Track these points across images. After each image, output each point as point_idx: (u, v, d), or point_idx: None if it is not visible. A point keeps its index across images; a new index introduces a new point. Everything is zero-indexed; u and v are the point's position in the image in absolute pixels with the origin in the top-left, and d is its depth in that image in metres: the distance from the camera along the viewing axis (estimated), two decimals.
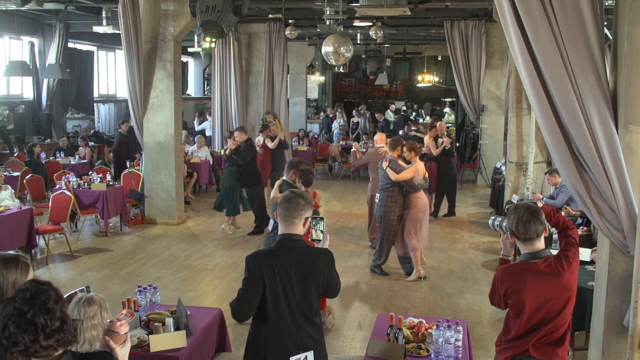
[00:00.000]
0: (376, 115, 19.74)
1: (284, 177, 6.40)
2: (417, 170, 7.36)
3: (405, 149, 7.52)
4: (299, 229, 3.26)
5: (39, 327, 2.01)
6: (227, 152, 9.70)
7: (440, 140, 10.78)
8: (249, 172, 9.76)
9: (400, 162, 7.56)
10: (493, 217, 3.72)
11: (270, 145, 11.68)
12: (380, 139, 9.28)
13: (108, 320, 2.42)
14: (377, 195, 7.57)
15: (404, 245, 7.57)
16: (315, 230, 3.44)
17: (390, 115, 22.48)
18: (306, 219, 3.28)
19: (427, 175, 7.57)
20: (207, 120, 17.11)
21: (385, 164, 7.38)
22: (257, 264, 3.15)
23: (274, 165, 11.86)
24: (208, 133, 16.30)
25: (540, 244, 3.28)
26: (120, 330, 2.35)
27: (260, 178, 9.98)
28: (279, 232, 3.30)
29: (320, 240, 3.43)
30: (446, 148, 10.60)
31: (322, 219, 3.45)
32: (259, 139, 11.58)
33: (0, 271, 2.48)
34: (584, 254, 5.65)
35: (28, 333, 2.00)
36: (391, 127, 20.83)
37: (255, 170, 9.89)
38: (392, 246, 7.68)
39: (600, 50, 3.54)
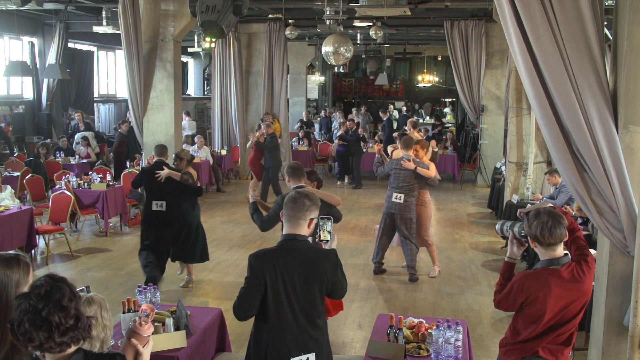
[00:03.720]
0: (380, 114, 19.70)
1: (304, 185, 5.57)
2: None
3: (418, 147, 7.38)
4: (304, 230, 3.24)
5: (53, 325, 2.03)
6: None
7: None
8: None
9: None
10: (501, 222, 3.62)
11: (247, 144, 12.42)
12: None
13: (131, 321, 2.40)
14: (399, 195, 7.27)
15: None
16: (323, 231, 3.39)
17: (395, 114, 22.47)
18: (311, 219, 3.25)
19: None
20: (183, 120, 16.56)
21: (410, 165, 7.12)
22: (259, 263, 3.13)
23: (266, 162, 12.20)
24: (185, 133, 15.98)
25: (560, 249, 3.23)
26: (145, 332, 2.34)
27: (146, 221, 7.16)
28: (283, 232, 3.28)
29: (327, 241, 3.39)
30: None
31: (329, 219, 3.40)
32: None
33: (4, 271, 2.48)
34: None
35: (43, 330, 2.02)
36: (395, 126, 20.80)
37: (147, 206, 7.04)
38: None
39: (600, 50, 3.54)
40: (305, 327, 3.17)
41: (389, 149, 9.18)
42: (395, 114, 22.42)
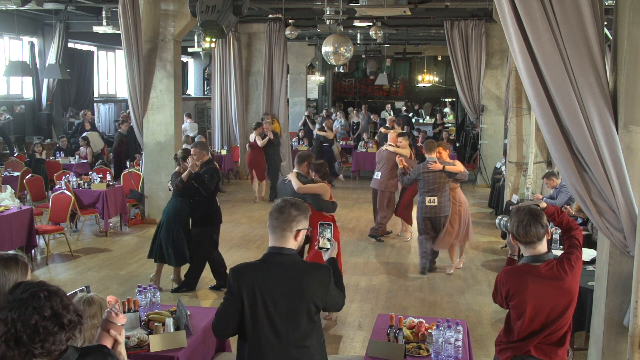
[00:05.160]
0: (372, 116, 20.02)
1: (296, 170, 6.33)
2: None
3: (440, 149, 7.62)
4: (290, 243, 2.96)
5: (65, 324, 2.05)
6: (184, 177, 6.84)
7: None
8: (204, 206, 6.99)
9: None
10: (500, 217, 3.72)
11: (259, 143, 12.36)
12: (392, 137, 9.44)
13: (105, 311, 2.44)
14: (432, 198, 7.43)
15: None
16: (322, 238, 3.16)
17: (386, 116, 22.67)
18: (298, 231, 2.97)
19: None
20: (185, 122, 16.20)
21: (438, 166, 7.34)
22: (237, 279, 2.89)
23: (268, 162, 12.59)
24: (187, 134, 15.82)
25: (542, 247, 3.27)
26: (121, 321, 2.40)
27: (219, 217, 7.17)
28: (269, 245, 2.99)
29: (327, 249, 3.15)
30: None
31: (329, 225, 3.17)
32: (252, 136, 12.57)
33: (2, 271, 2.48)
34: (589, 253, 5.64)
35: (57, 333, 2.03)
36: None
37: (214, 204, 7.06)
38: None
39: (600, 50, 3.54)
40: (290, 349, 2.90)
41: (391, 135, 9.40)
42: (391, 113, 22.61)
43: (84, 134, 14.48)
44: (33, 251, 8.36)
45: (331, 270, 3.02)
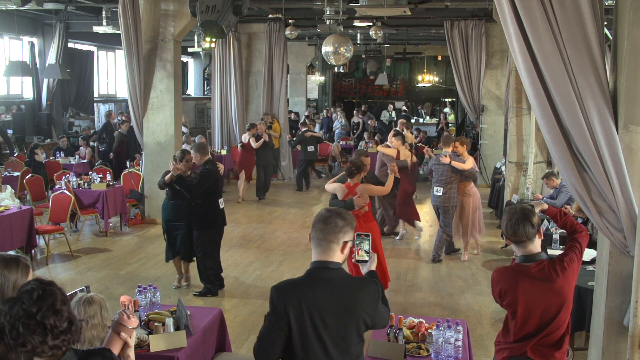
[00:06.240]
0: (369, 122, 20.03)
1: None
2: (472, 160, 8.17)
3: (457, 144, 8.10)
4: (336, 256, 2.74)
5: (47, 328, 2.00)
6: (167, 179, 6.72)
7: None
8: (204, 209, 6.83)
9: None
10: None
11: (254, 144, 12.40)
12: (390, 137, 9.59)
13: (117, 312, 2.41)
14: (438, 188, 7.95)
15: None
16: (360, 250, 2.96)
17: (386, 116, 22.75)
18: (345, 243, 2.75)
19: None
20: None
21: (446, 160, 7.78)
22: (282, 297, 2.67)
23: (258, 162, 12.66)
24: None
25: (533, 246, 3.25)
26: (132, 324, 2.36)
27: (220, 220, 7.00)
28: (312, 259, 2.78)
29: (366, 261, 2.95)
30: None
31: (367, 236, 2.96)
32: (244, 136, 12.62)
33: (2, 272, 2.48)
34: (589, 253, 5.63)
35: (37, 334, 1.99)
36: (393, 125, 20.91)
37: (215, 207, 6.87)
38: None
39: (600, 50, 3.54)
40: None
41: (379, 148, 9.70)
42: (386, 115, 22.74)
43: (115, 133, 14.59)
44: (33, 251, 8.35)
45: (379, 284, 2.83)
